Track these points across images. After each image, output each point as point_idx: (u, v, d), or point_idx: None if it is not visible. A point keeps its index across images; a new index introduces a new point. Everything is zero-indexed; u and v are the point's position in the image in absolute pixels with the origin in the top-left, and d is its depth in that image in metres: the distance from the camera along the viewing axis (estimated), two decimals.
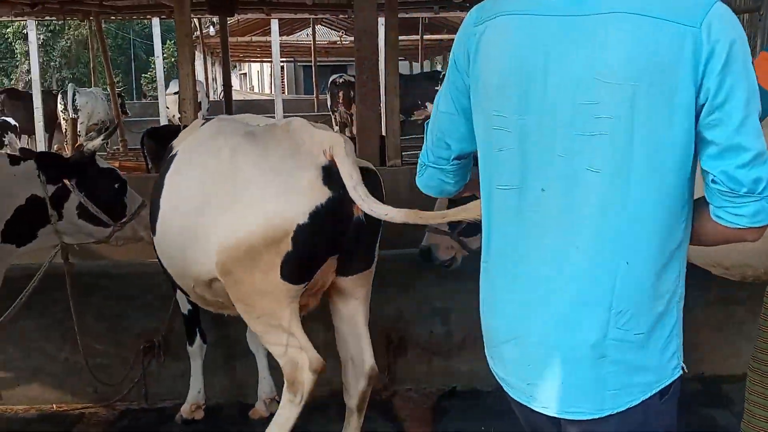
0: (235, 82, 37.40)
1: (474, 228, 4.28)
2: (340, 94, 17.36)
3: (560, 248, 1.78)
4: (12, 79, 36.77)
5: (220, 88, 19.96)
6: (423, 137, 2.19)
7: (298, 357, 3.47)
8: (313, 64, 22.38)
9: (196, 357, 4.61)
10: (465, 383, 4.99)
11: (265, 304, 3.41)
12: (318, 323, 4.90)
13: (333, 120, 17.75)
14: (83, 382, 4.93)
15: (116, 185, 4.58)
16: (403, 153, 11.70)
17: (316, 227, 3.24)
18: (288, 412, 3.53)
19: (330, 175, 3.26)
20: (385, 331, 4.91)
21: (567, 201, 1.76)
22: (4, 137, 13.97)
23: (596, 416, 1.78)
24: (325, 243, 3.33)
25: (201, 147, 3.66)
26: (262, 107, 18.30)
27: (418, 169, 2.26)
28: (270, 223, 3.25)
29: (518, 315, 1.88)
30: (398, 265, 4.97)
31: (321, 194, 3.25)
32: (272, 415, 4.57)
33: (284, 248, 3.24)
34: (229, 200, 3.33)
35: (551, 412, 1.84)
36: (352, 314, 3.66)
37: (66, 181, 4.40)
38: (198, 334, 4.56)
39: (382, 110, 7.21)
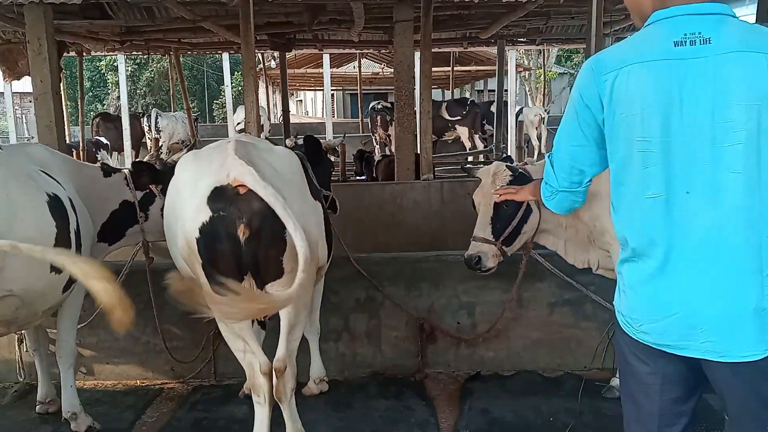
0: (292, 107, 37.54)
1: (512, 238, 4.18)
2: (378, 118, 17.34)
3: (713, 234, 2.02)
4: (104, 104, 37.44)
5: (279, 113, 20.09)
6: (451, 155, 2.24)
7: (254, 361, 3.43)
8: (358, 92, 22.45)
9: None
10: (488, 368, 4.97)
11: (216, 313, 3.33)
12: (363, 313, 4.95)
13: (374, 140, 17.77)
14: (162, 361, 5.02)
15: None
16: (435, 169, 11.70)
17: (208, 243, 3.14)
18: (259, 413, 3.48)
19: (216, 195, 3.17)
20: (418, 322, 4.92)
21: (714, 197, 2.01)
22: (98, 154, 14.23)
23: (765, 355, 2.02)
24: (224, 259, 3.16)
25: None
26: (315, 129, 18.41)
27: (547, 195, 2.45)
28: (185, 237, 3.25)
29: (679, 292, 2.07)
30: (429, 265, 4.99)
31: (204, 213, 3.16)
32: (322, 392, 4.65)
33: (198, 260, 3.20)
34: (180, 213, 3.35)
35: (730, 359, 2.04)
36: (280, 315, 3.45)
37: (152, 187, 4.55)
38: (257, 322, 4.57)
39: (417, 131, 7.21)
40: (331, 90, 23.40)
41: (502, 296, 4.84)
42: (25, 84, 11.57)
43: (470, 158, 15.00)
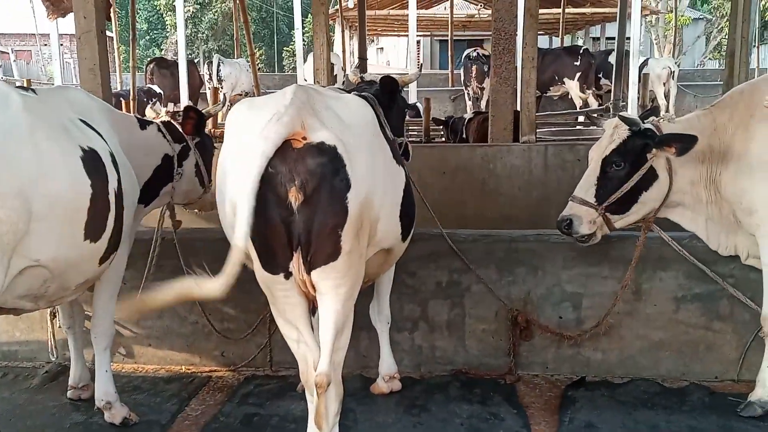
0: (371, 56, 37.46)
1: (624, 206, 4.06)
2: (474, 68, 17.05)
3: None
4: (162, 49, 38.42)
5: (356, 62, 20.04)
6: (558, 113, 2.04)
7: (308, 355, 3.32)
8: (449, 38, 22.07)
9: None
10: (596, 373, 4.76)
11: (267, 293, 3.32)
12: (445, 300, 4.85)
13: (466, 95, 17.47)
14: (211, 345, 5.03)
15: (213, 151, 4.79)
16: (537, 130, 11.31)
17: (255, 208, 2.96)
18: (312, 411, 3.40)
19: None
20: (510, 313, 4.73)
21: None
22: (149, 104, 14.49)
23: None
24: (273, 229, 3.03)
25: None
26: None
27: None
28: (230, 200, 3.16)
29: None
30: (528, 245, 4.79)
31: (258, 170, 2.98)
32: (392, 392, 4.55)
33: None
34: (228, 172, 3.27)
35: None
36: (322, 313, 3.27)
37: (189, 140, 4.58)
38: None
39: (518, 84, 6.93)
40: (418, 36, 23.17)
41: (616, 287, 4.61)
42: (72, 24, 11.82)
43: (581, 119, 14.56)
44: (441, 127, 10.81)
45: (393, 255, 3.84)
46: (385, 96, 4.61)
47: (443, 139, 10.61)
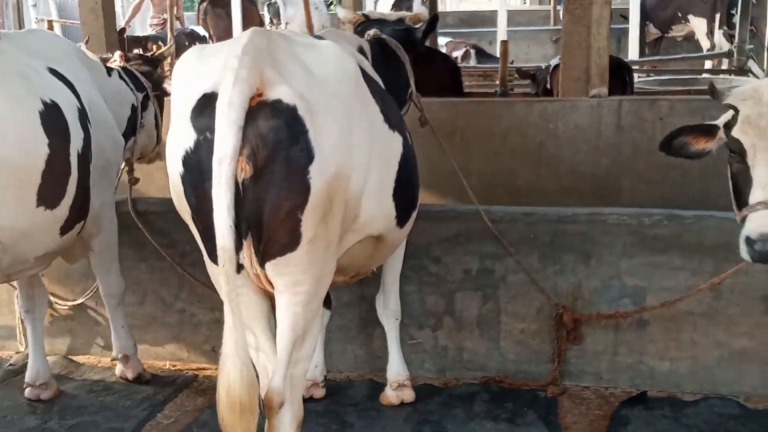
0: None
1: None
2: None
3: None
4: None
5: None
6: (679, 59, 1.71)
7: (268, 366, 3.09)
8: None
9: None
10: (660, 386, 4.49)
11: (217, 288, 3.06)
12: (476, 292, 4.67)
13: None
14: (200, 337, 4.93)
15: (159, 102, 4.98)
16: (649, 77, 10.66)
17: (195, 183, 2.85)
18: None
19: (204, 107, 2.81)
20: (556, 310, 4.48)
21: None
22: None
23: None
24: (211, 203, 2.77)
25: None
26: (477, 21, 17.65)
27: None
28: (169, 173, 3.01)
29: None
30: (579, 227, 4.52)
31: (189, 135, 2.85)
32: (404, 403, 4.33)
33: (187, 209, 2.97)
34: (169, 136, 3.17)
35: None
36: (279, 315, 3.02)
37: (149, 89, 4.79)
38: None
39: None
40: None
41: (690, 281, 4.32)
42: None
43: (708, 65, 13.81)
44: (528, 81, 10.32)
45: (386, 244, 3.57)
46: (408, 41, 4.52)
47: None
